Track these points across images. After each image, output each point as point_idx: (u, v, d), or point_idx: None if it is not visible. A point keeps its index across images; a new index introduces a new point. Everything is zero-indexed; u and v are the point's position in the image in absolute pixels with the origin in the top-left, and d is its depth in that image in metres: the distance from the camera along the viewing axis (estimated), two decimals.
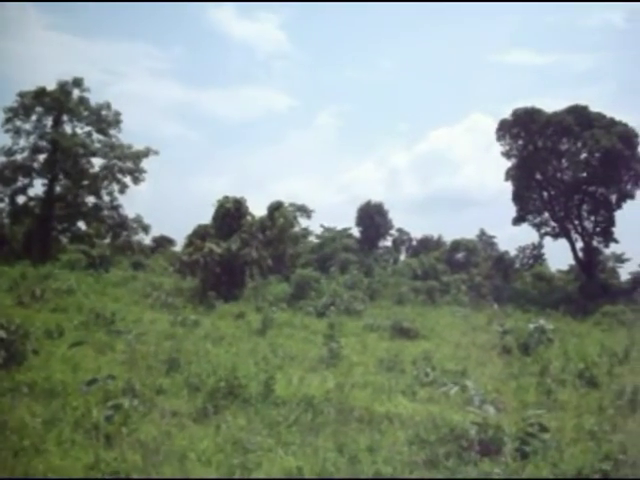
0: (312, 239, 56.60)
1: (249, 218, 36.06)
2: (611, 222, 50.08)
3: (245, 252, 33.20)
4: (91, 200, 49.58)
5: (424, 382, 14.18)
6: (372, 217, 57.26)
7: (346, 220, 58.43)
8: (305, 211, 54.82)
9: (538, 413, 9.82)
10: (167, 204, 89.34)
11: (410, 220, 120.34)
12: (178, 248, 49.08)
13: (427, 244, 63.21)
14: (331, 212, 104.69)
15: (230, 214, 34.67)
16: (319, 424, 10.35)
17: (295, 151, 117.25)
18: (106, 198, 49.44)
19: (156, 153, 49.60)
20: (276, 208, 43.33)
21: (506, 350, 19.71)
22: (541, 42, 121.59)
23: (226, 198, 35.38)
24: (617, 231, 50.16)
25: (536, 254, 61.37)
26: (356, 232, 59.05)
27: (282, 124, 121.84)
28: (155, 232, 56.36)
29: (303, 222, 56.23)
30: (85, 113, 48.67)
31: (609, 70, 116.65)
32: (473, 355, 18.93)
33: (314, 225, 58.61)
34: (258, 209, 44.13)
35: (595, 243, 51.00)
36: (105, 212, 49.44)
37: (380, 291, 38.35)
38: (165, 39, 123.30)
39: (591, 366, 16.40)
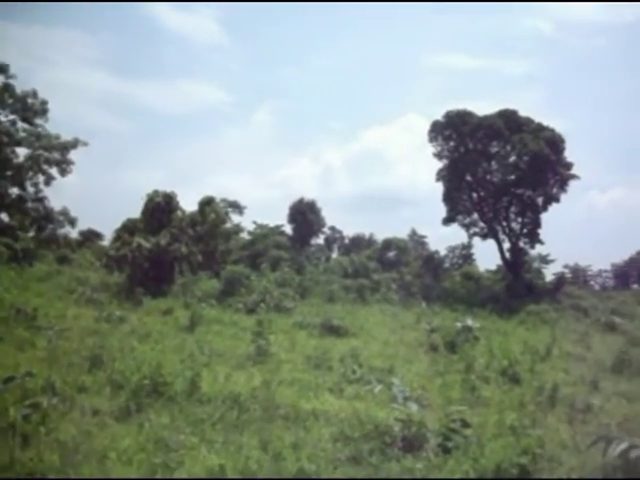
0: (244, 235, 56.31)
1: (179, 213, 35.52)
2: (537, 224, 51.48)
3: (174, 247, 32.69)
4: (15, 191, 47.78)
5: (351, 379, 14.24)
6: (305, 214, 57.26)
7: (280, 217, 58.49)
8: (237, 207, 54.57)
9: (461, 409, 9.97)
10: (96, 197, 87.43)
11: (343, 218, 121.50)
12: (106, 243, 47.96)
13: (359, 242, 63.76)
14: (265, 208, 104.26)
15: (160, 209, 34.07)
16: (244, 422, 10.26)
17: (230, 147, 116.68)
18: (31, 189, 47.69)
19: (85, 144, 48.17)
20: (207, 203, 42.81)
21: (433, 348, 20.02)
22: (474, 46, 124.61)
23: (156, 192, 34.74)
24: (542, 233, 51.75)
25: (465, 254, 62.72)
26: (289, 229, 59.07)
27: (217, 119, 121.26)
28: (83, 226, 54.89)
29: (235, 218, 55.99)
30: (10, 101, 46.90)
31: (538, 77, 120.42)
32: (401, 353, 19.14)
33: (247, 221, 58.48)
34: (191, 204, 43.68)
35: (522, 244, 52.33)
36: (29, 204, 47.68)
37: (311, 289, 38.35)
38: (99, 28, 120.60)
39: (514, 363, 16.81)
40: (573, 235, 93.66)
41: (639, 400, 14.94)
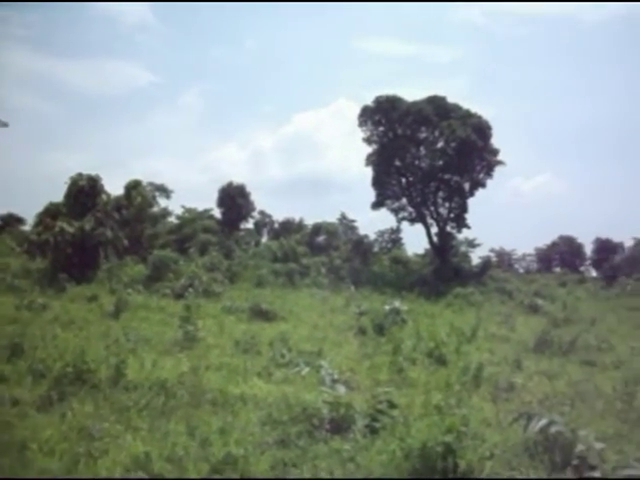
0: (172, 220, 55.48)
1: (104, 197, 34.65)
2: (464, 209, 52.48)
3: (99, 232, 31.92)
4: None
5: (280, 363, 14.21)
6: (234, 198, 56.84)
7: (209, 201, 57.87)
8: (164, 191, 53.67)
9: (387, 391, 10.06)
10: (17, 180, 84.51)
11: (273, 202, 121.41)
12: (28, 227, 46.42)
13: (289, 227, 63.72)
14: (194, 193, 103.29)
15: (84, 192, 33.18)
16: (171, 408, 10.12)
17: (158, 129, 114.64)
18: None
19: (5, 125, 46.41)
20: (133, 187, 41.95)
21: (362, 331, 20.17)
22: (405, 33, 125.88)
23: (80, 175, 33.79)
24: (469, 217, 52.88)
25: (394, 238, 63.41)
26: (218, 213, 58.50)
27: (145, 101, 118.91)
28: (2, 210, 53.12)
29: (163, 202, 55.05)
30: None
31: (467, 64, 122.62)
32: (330, 336, 19.21)
33: (175, 205, 57.57)
34: (117, 188, 42.69)
35: (449, 228, 53.30)
36: None
37: (240, 273, 38.15)
38: (23, 3, 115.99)
39: (440, 345, 17.11)
40: (499, 220, 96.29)
41: (559, 378, 15.45)
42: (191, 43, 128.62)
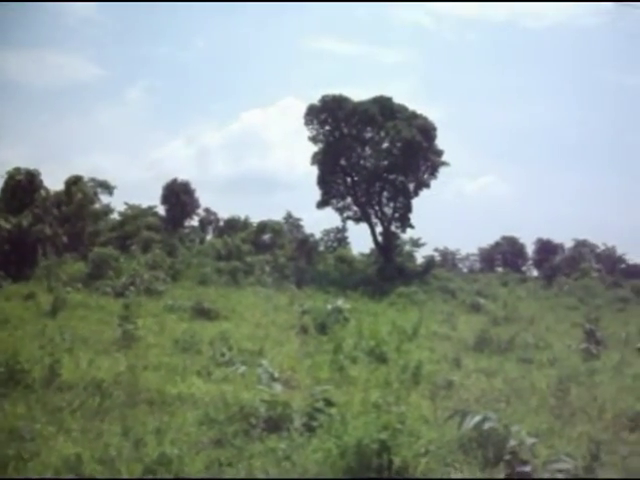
0: (114, 217, 54.46)
1: (43, 192, 33.82)
2: (408, 209, 52.95)
3: (37, 228, 31.17)
4: None
5: (220, 362, 14.09)
6: (178, 195, 56.27)
7: (154, 198, 57.04)
8: (107, 187, 52.68)
9: (325, 389, 10.08)
10: None
11: (219, 200, 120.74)
12: None
13: (234, 225, 63.32)
14: (138, 189, 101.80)
15: (22, 187, 32.34)
16: (106, 408, 9.94)
17: (102, 124, 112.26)
18: None
19: None
20: (74, 183, 41.01)
21: (304, 330, 20.16)
22: (354, 33, 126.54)
23: (17, 170, 32.93)
24: (414, 217, 53.38)
25: (340, 237, 63.71)
26: (162, 211, 57.80)
27: (89, 95, 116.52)
28: None
29: (105, 199, 54.05)
30: None
31: (414, 66, 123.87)
32: (272, 335, 19.15)
33: (118, 202, 56.54)
34: (58, 184, 41.66)
35: (393, 228, 53.72)
36: None
37: (183, 271, 37.71)
38: None
39: (381, 343, 17.21)
40: (444, 220, 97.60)
41: (497, 375, 15.74)
42: (139, 38, 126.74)
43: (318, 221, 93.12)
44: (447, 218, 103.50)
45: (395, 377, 13.76)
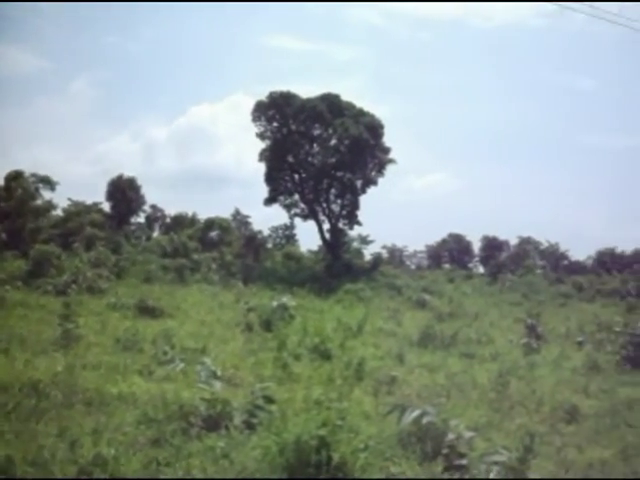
0: (57, 213, 53.20)
1: None
2: (356, 206, 53.23)
3: None
4: None
5: (162, 361, 13.90)
6: (124, 192, 55.35)
7: (99, 194, 55.91)
8: (49, 182, 51.26)
9: (266, 386, 10.05)
10: None
11: (166, 197, 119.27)
12: None
13: (181, 222, 62.58)
14: (83, 185, 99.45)
15: None
16: (42, 409, 9.68)
17: (45, 117, 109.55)
18: None
19: None
20: (14, 178, 40.01)
21: (249, 327, 20.06)
22: (305, 30, 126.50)
23: None
24: (363, 215, 53.78)
25: (288, 234, 63.61)
26: (107, 207, 56.79)
27: (31, 87, 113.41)
28: None
29: (47, 194, 52.68)
30: None
31: (364, 64, 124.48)
32: (216, 332, 19.00)
33: (61, 198, 55.20)
34: None
35: (341, 225, 53.90)
36: None
37: (128, 269, 37.10)
38: None
39: (326, 340, 17.25)
40: (393, 217, 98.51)
41: (439, 371, 15.96)
42: (84, 28, 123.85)
43: (267, 218, 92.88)
44: (396, 215, 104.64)
45: (338, 374, 13.79)
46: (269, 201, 53.17)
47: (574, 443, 10.78)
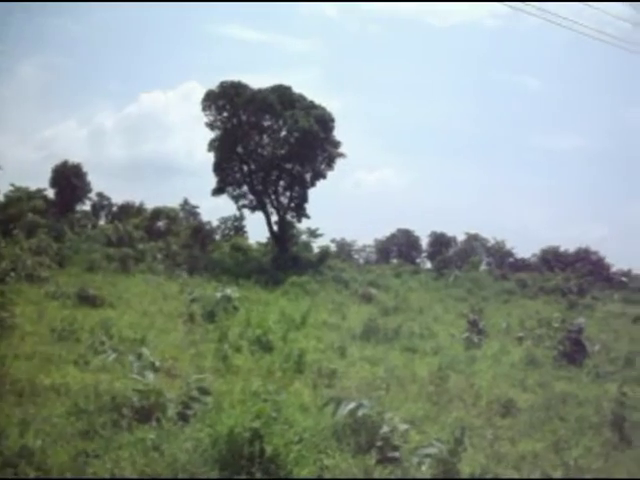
0: None
1: None
2: (304, 198, 53.11)
3: None
4: None
5: (99, 351, 13.62)
6: (69, 178, 54.21)
7: (44, 180, 54.49)
8: None
9: (202, 377, 9.95)
10: None
11: (114, 185, 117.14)
12: None
13: (128, 210, 61.73)
14: (27, 171, 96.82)
15: None
16: None
17: None
18: None
19: None
20: None
21: (191, 318, 19.82)
22: (259, 20, 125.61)
23: None
24: (313, 208, 53.74)
25: (238, 225, 63.27)
26: (52, 194, 55.54)
27: None
28: None
29: None
30: None
31: (318, 56, 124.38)
32: (158, 323, 18.70)
33: (4, 184, 53.73)
34: None
35: (289, 217, 53.71)
36: None
37: (71, 257, 36.28)
38: None
39: (268, 332, 17.18)
40: (343, 212, 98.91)
41: (380, 364, 16.04)
42: (32, 10, 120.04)
43: (217, 209, 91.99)
44: (347, 209, 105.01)
45: (278, 366, 13.79)
46: (217, 191, 52.61)
47: (508, 436, 10.99)
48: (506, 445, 10.37)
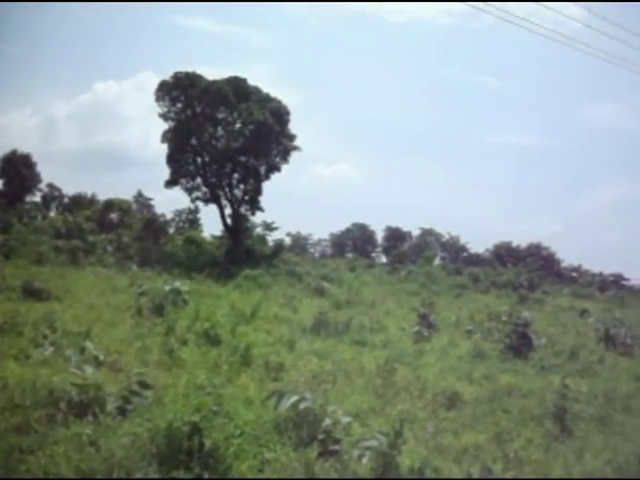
0: None
1: None
2: (258, 191, 52.69)
3: None
4: None
5: (41, 345, 13.30)
6: (18, 168, 52.99)
7: None
8: None
9: (142, 371, 9.81)
10: None
11: (66, 176, 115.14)
12: None
13: (80, 202, 60.66)
14: None
15: None
16: None
17: None
18: None
19: None
20: None
21: (139, 311, 19.54)
22: (219, 11, 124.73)
23: None
24: (269, 201, 53.40)
25: (192, 218, 62.64)
26: (0, 184, 54.32)
27: None
28: None
29: None
30: None
31: (277, 49, 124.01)
32: (104, 316, 18.34)
33: None
34: None
35: (243, 210, 53.26)
36: None
37: (18, 249, 35.45)
38: None
39: (216, 325, 17.04)
40: (300, 205, 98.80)
41: (329, 357, 16.05)
42: None
43: (172, 201, 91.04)
44: (304, 203, 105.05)
45: (225, 359, 13.67)
46: (170, 183, 51.84)
47: (452, 428, 11.11)
48: (449, 437, 10.48)
